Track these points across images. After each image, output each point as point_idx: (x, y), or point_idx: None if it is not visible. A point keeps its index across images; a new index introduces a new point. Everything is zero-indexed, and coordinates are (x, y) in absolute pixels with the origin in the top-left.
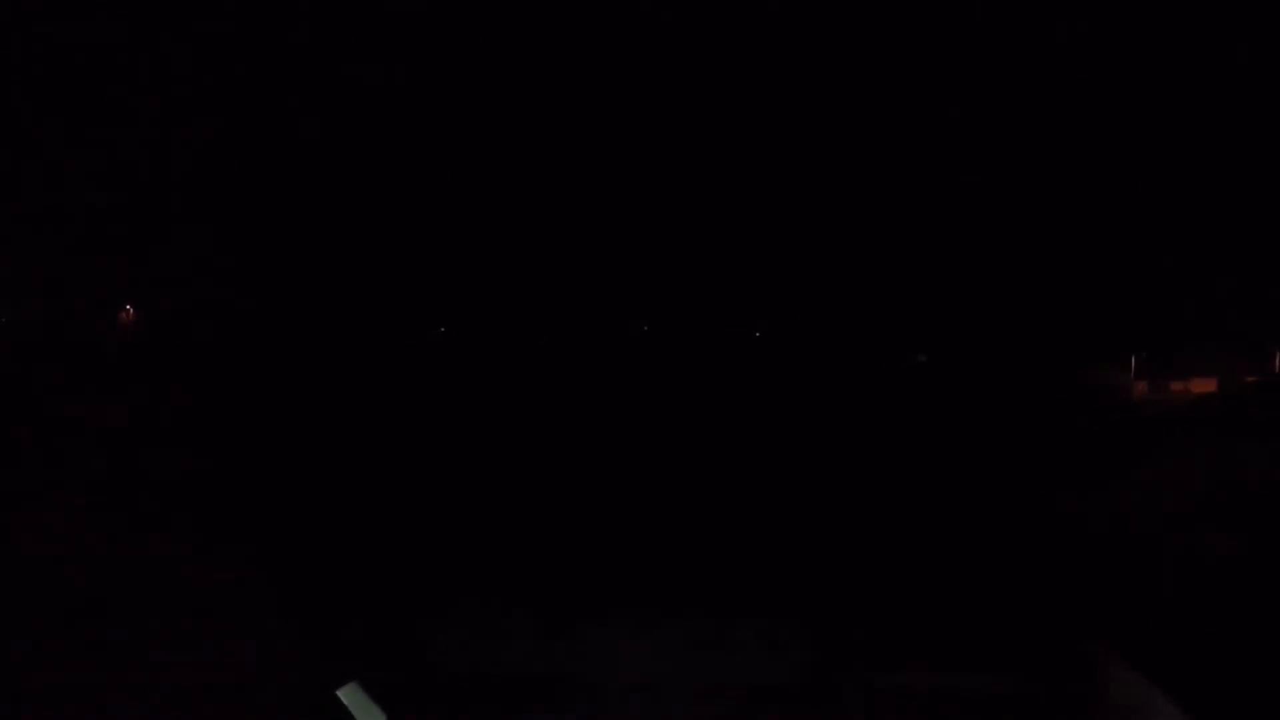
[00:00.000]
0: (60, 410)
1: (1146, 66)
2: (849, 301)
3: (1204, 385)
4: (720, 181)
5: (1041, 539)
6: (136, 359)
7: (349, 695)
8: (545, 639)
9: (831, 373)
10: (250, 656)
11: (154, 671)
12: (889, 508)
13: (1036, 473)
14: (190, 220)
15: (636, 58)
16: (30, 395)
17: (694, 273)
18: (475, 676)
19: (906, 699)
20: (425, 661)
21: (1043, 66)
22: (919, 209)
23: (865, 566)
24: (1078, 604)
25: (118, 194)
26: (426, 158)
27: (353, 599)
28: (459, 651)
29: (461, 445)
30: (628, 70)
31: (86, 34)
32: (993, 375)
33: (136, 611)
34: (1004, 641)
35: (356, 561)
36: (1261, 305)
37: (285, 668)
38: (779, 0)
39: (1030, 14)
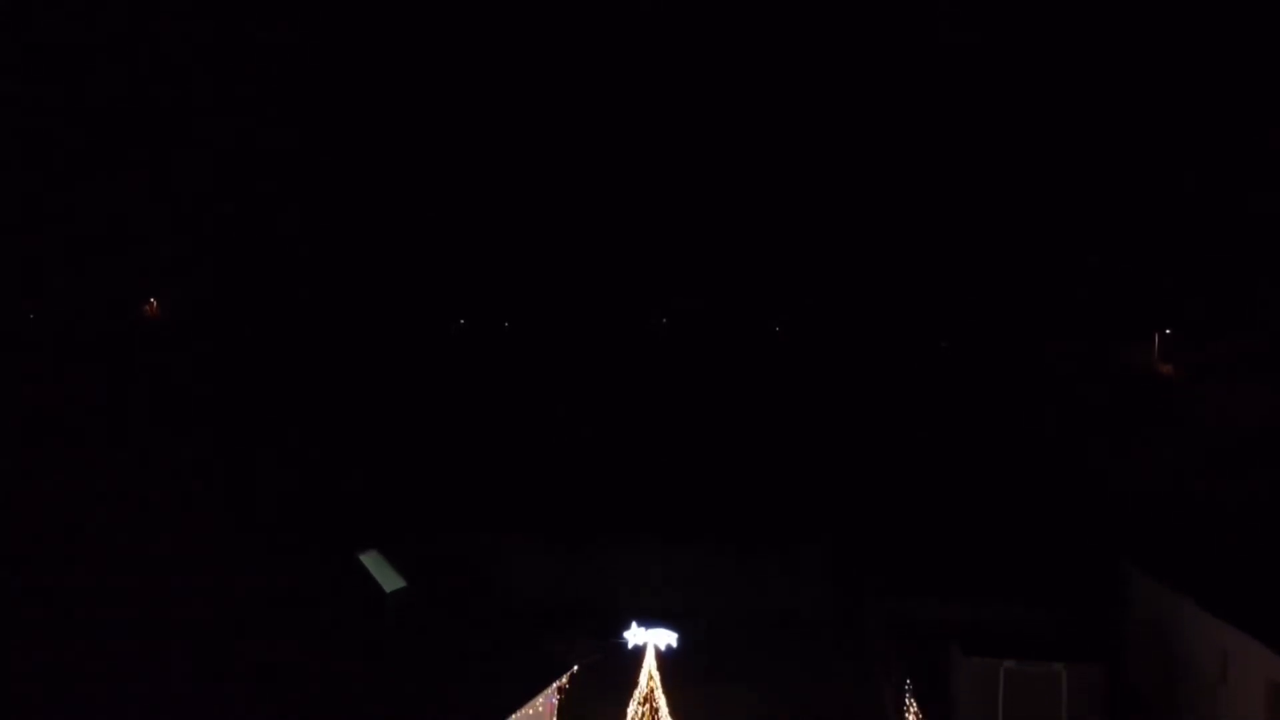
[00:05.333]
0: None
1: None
2: (869, 291)
3: (1215, 357)
4: (738, 175)
5: (1065, 486)
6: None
7: (370, 560)
8: (573, 566)
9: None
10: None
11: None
12: (915, 462)
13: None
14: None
15: (659, 55)
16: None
17: (712, 266)
18: (509, 599)
19: (927, 627)
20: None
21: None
22: (940, 199)
23: (890, 504)
24: (1102, 537)
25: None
26: (450, 154)
27: (403, 533)
28: (496, 576)
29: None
30: (649, 68)
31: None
32: (1008, 357)
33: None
34: (1026, 573)
35: (408, 501)
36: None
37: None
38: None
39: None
